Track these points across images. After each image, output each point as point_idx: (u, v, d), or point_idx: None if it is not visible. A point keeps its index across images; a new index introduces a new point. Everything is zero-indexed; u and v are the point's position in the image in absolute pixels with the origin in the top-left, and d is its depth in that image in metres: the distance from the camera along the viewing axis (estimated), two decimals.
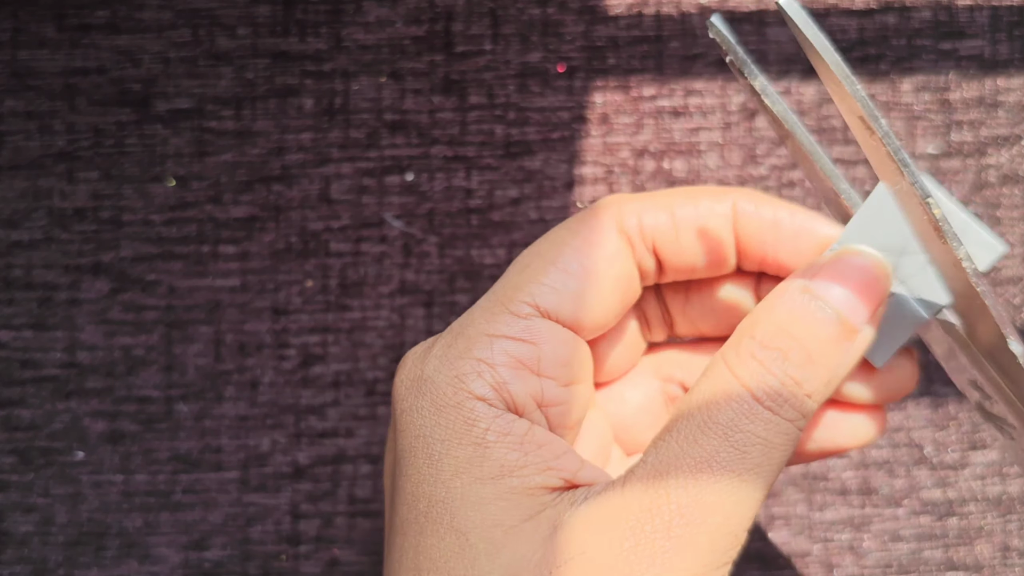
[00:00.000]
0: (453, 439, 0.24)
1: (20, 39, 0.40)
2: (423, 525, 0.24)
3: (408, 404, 0.25)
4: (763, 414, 0.23)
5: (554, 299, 0.25)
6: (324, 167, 0.40)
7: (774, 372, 0.23)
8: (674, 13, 0.40)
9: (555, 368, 0.25)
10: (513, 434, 0.24)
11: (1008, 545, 0.39)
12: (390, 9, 0.40)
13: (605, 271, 0.26)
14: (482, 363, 0.24)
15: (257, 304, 0.39)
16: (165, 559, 0.38)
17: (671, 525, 0.22)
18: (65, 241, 0.39)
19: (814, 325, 0.24)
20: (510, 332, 0.25)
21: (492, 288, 0.26)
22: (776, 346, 0.23)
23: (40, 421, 0.39)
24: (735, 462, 0.23)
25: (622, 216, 0.26)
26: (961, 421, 0.39)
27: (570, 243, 0.26)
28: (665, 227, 0.26)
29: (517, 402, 0.25)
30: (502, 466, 0.23)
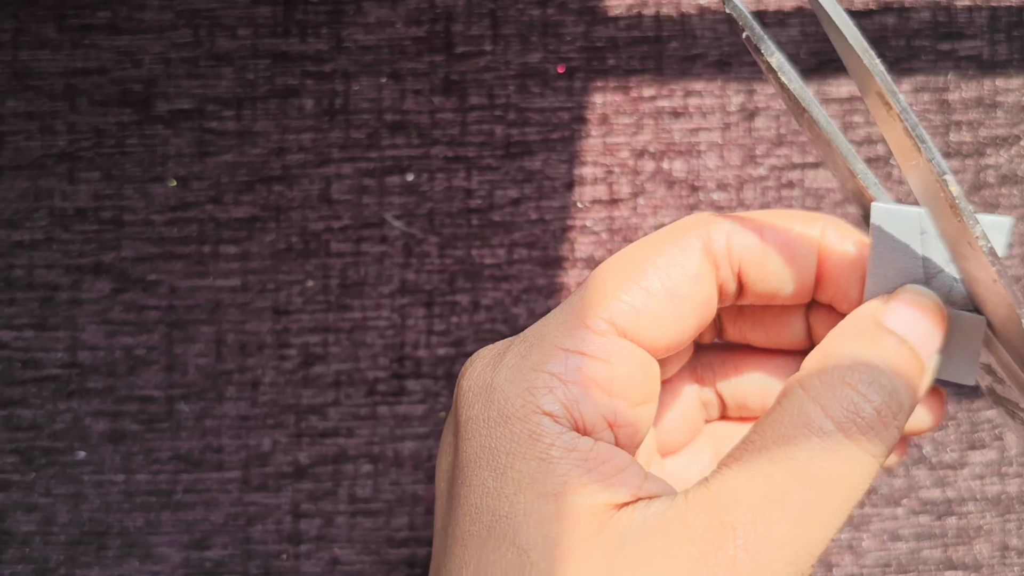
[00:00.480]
0: (518, 452, 0.23)
1: (21, 40, 0.40)
2: (485, 539, 0.23)
3: (475, 412, 0.24)
4: (848, 449, 0.22)
5: (632, 319, 0.25)
6: (325, 167, 0.40)
7: (872, 400, 0.23)
8: (674, 14, 0.40)
9: (627, 389, 0.25)
10: (578, 450, 0.23)
11: (1007, 544, 0.39)
12: (390, 10, 0.40)
13: (686, 294, 0.25)
14: (555, 378, 0.24)
15: (258, 304, 0.39)
16: (166, 558, 0.39)
17: (736, 561, 0.21)
18: (66, 241, 0.40)
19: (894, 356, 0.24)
20: (586, 348, 0.24)
21: (569, 299, 0.25)
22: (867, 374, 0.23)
23: (42, 421, 0.39)
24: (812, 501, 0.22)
25: (710, 235, 0.26)
26: (960, 421, 0.39)
27: (654, 261, 0.25)
28: (754, 250, 0.26)
29: (586, 421, 0.24)
30: (565, 483, 0.23)
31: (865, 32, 0.40)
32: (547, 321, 0.25)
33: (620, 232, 0.39)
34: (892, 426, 0.23)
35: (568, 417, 0.24)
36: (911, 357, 0.24)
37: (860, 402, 0.22)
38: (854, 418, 0.22)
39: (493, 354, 0.25)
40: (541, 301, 0.39)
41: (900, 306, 0.24)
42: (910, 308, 0.24)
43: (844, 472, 0.22)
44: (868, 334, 0.24)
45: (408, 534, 0.39)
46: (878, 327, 0.24)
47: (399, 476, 0.39)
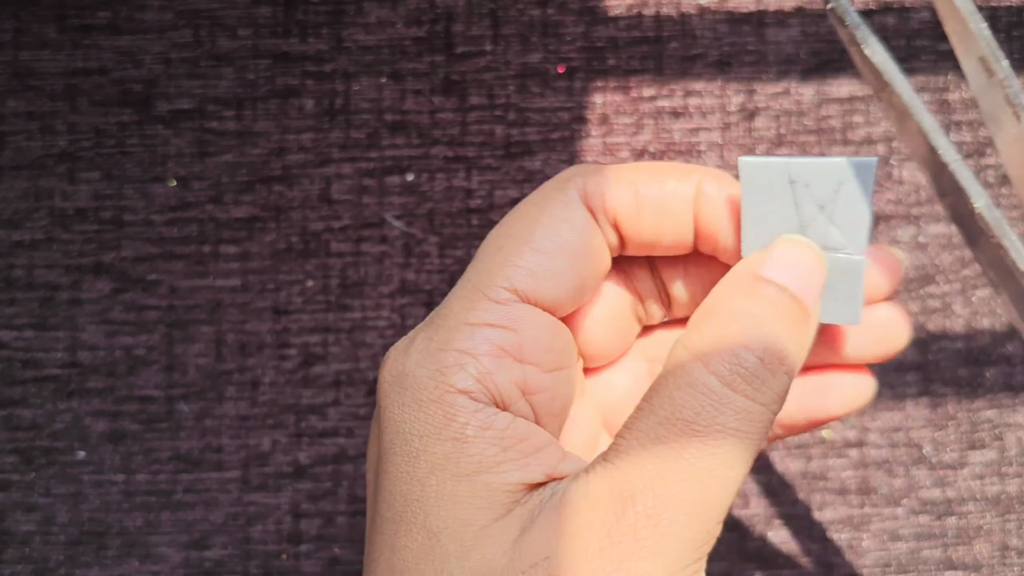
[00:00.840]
0: (432, 435, 0.23)
1: (22, 40, 0.40)
2: (398, 524, 0.23)
3: (390, 400, 0.24)
4: (737, 401, 0.22)
5: (531, 281, 0.24)
6: (325, 167, 0.40)
7: (753, 348, 0.23)
8: (674, 14, 0.40)
9: (538, 354, 0.25)
10: (494, 428, 0.23)
11: (1007, 544, 0.39)
12: (391, 10, 0.40)
13: (577, 247, 0.25)
14: (464, 354, 0.24)
15: (258, 304, 0.39)
16: (166, 558, 0.39)
17: (637, 528, 0.21)
18: (66, 241, 0.40)
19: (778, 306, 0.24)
20: (490, 319, 0.24)
21: (466, 273, 0.25)
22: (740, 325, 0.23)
23: (41, 421, 0.39)
24: (704, 458, 0.22)
25: (586, 189, 0.26)
26: (960, 421, 0.39)
27: (540, 220, 0.25)
28: (628, 204, 0.26)
29: (502, 392, 0.24)
30: (480, 462, 0.23)
31: None
32: (449, 299, 0.25)
33: None
34: (780, 372, 0.23)
35: (484, 391, 0.24)
36: (792, 303, 0.24)
37: (742, 354, 0.22)
38: (737, 370, 0.22)
39: (405, 343, 0.25)
40: None
41: (777, 255, 0.25)
42: (788, 256, 0.25)
43: (734, 426, 0.22)
44: (747, 287, 0.24)
45: None
46: (756, 279, 0.24)
47: None
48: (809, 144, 0.40)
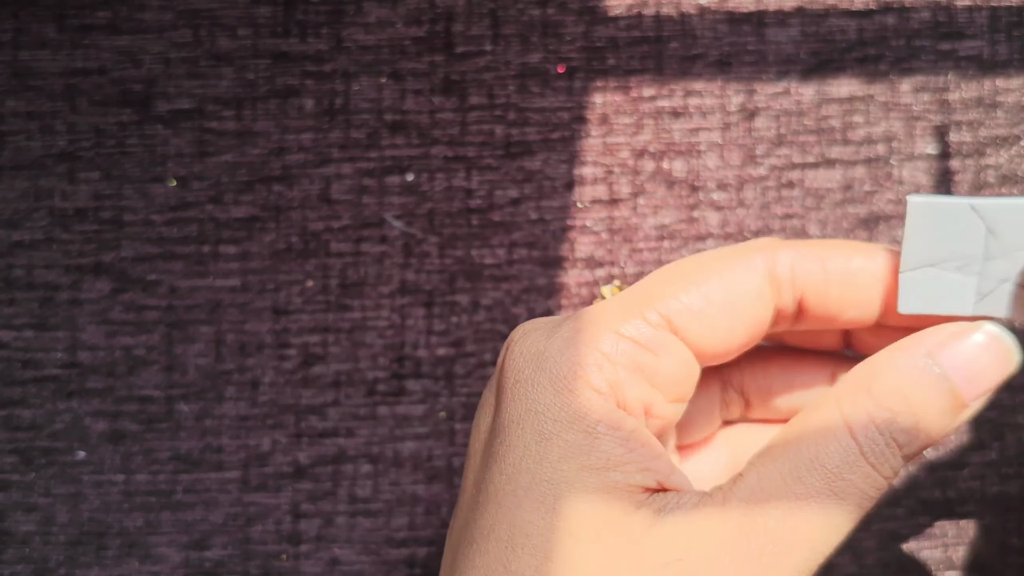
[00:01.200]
0: (566, 421, 0.24)
1: (21, 39, 0.40)
2: (521, 499, 0.24)
3: (526, 376, 0.25)
4: (865, 468, 0.24)
5: (687, 319, 0.26)
6: (324, 167, 0.40)
7: (883, 433, 0.24)
8: (674, 14, 0.40)
9: (669, 384, 0.26)
10: (622, 429, 0.24)
11: (1007, 545, 0.39)
12: (390, 10, 0.40)
13: (743, 309, 0.26)
14: (605, 357, 0.25)
15: (258, 304, 0.39)
16: (166, 559, 0.39)
17: (764, 550, 0.23)
18: (66, 241, 0.40)
19: (930, 395, 0.25)
20: (638, 336, 0.25)
21: (627, 292, 0.27)
22: (889, 407, 0.25)
23: (41, 421, 0.39)
24: (833, 506, 0.24)
25: (775, 259, 0.27)
26: None
27: (718, 272, 0.26)
28: (817, 278, 0.27)
29: (628, 404, 0.25)
30: (609, 458, 0.24)
31: (865, 32, 0.40)
32: (604, 306, 0.26)
33: (620, 232, 0.39)
34: (899, 456, 0.25)
35: (613, 396, 0.25)
36: (948, 398, 0.25)
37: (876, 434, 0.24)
38: (871, 444, 0.24)
39: (547, 326, 0.26)
40: (541, 301, 0.39)
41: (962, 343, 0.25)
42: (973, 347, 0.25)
43: (860, 486, 0.24)
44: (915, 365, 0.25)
45: (408, 534, 0.39)
46: (928, 359, 0.25)
47: (399, 476, 0.39)
48: (809, 144, 0.40)
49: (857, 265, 0.27)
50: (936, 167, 0.40)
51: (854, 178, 0.40)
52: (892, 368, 0.25)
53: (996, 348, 0.25)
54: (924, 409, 0.25)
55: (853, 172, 0.40)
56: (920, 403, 0.25)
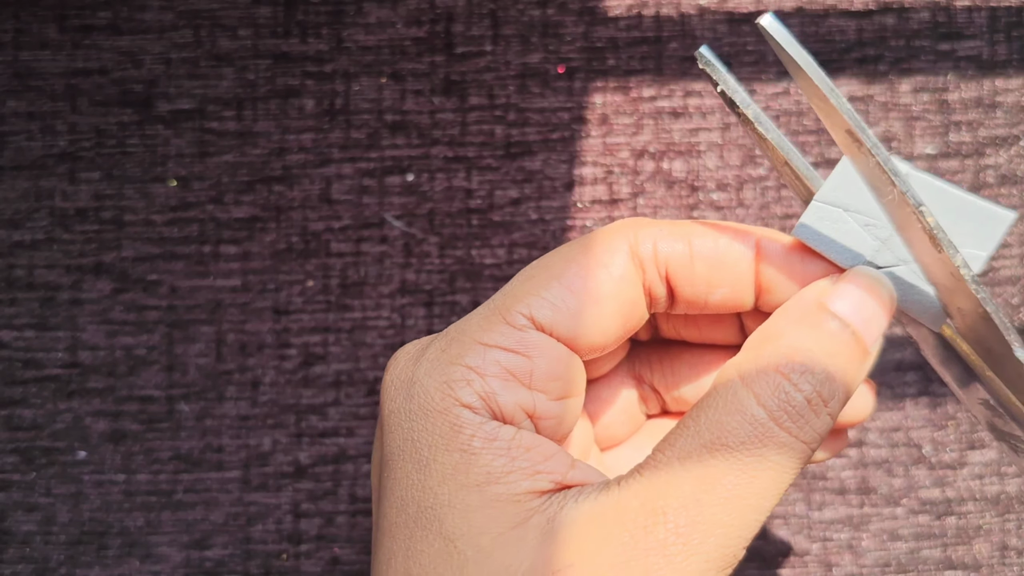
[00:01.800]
0: (440, 444, 0.24)
1: (22, 40, 0.40)
2: (412, 530, 0.24)
3: (396, 405, 0.25)
4: (780, 436, 0.23)
5: (551, 314, 0.25)
6: (325, 167, 0.40)
7: (802, 388, 0.23)
8: (673, 14, 0.40)
9: (547, 382, 0.25)
10: (500, 439, 0.24)
11: (1006, 544, 0.39)
12: (391, 10, 0.40)
13: (609, 293, 0.25)
14: (472, 371, 0.24)
15: (258, 304, 0.39)
16: (167, 558, 0.39)
17: (667, 544, 0.22)
18: (67, 241, 0.40)
19: (837, 343, 0.24)
20: (504, 343, 0.25)
21: (493, 296, 0.26)
22: (799, 361, 0.23)
23: (42, 421, 0.39)
24: (742, 486, 0.22)
25: (637, 240, 0.26)
26: (959, 421, 0.39)
27: (578, 260, 0.25)
28: (681, 256, 0.26)
29: (505, 412, 0.24)
30: (488, 473, 0.23)
31: (864, 33, 0.40)
32: (469, 317, 0.25)
33: None
34: (824, 414, 0.23)
35: (486, 408, 0.24)
36: (852, 342, 0.24)
37: (791, 391, 0.23)
38: (785, 407, 0.23)
39: (416, 349, 0.26)
40: None
41: (847, 287, 0.24)
42: (858, 290, 0.24)
43: (775, 459, 0.23)
44: (810, 316, 0.24)
45: None
46: (821, 309, 0.24)
47: None
48: (809, 144, 0.40)
49: (724, 244, 0.25)
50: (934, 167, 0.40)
51: None
52: (787, 325, 0.24)
53: (876, 287, 0.24)
54: (834, 359, 0.23)
55: None
56: (829, 353, 0.23)
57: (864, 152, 0.23)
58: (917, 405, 0.39)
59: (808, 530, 0.39)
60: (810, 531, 0.39)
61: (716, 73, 0.25)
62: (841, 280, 0.25)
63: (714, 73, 0.25)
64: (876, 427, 0.39)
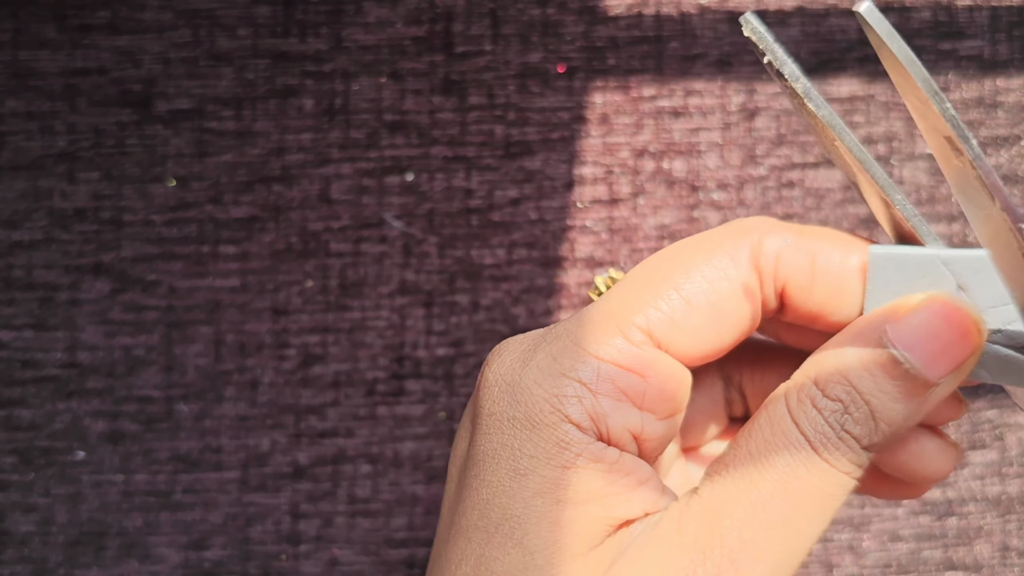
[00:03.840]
0: (542, 457, 0.23)
1: (21, 40, 0.40)
2: (491, 535, 0.23)
3: (499, 408, 0.24)
4: (819, 464, 0.22)
5: (669, 330, 0.23)
6: (324, 167, 0.40)
7: (832, 426, 0.22)
8: (674, 13, 0.40)
9: (659, 403, 0.24)
10: (604, 461, 0.23)
11: (1007, 545, 0.39)
12: (390, 10, 0.40)
13: (728, 310, 0.24)
14: (585, 387, 0.23)
15: (257, 304, 0.39)
16: (165, 559, 0.39)
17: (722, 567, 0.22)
18: (66, 241, 0.40)
19: (882, 379, 0.22)
20: (620, 359, 0.23)
21: (606, 296, 0.24)
22: (837, 396, 0.22)
23: (41, 421, 0.39)
24: (790, 510, 0.22)
25: (761, 249, 0.24)
26: (960, 421, 0.39)
27: (700, 268, 0.24)
28: (803, 274, 0.24)
29: (612, 434, 0.23)
30: (588, 492, 0.23)
31: (865, 32, 0.40)
32: (582, 320, 0.24)
33: (620, 232, 0.39)
34: (859, 450, 0.22)
35: (594, 429, 0.23)
36: (906, 378, 0.22)
37: (823, 425, 0.22)
38: (822, 437, 0.22)
39: (523, 348, 0.24)
40: (541, 301, 0.39)
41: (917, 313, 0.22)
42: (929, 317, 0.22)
43: (818, 485, 0.22)
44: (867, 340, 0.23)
45: (407, 534, 0.39)
46: (879, 339, 0.22)
47: (398, 476, 0.39)
48: (810, 143, 0.40)
49: (850, 264, 0.24)
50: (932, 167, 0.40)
51: None
52: (838, 354, 0.23)
53: (957, 318, 0.22)
54: (876, 395, 0.22)
55: None
56: (870, 389, 0.22)
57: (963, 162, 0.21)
58: None
59: None
60: None
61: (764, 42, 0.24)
62: (914, 307, 0.23)
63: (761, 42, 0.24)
64: None
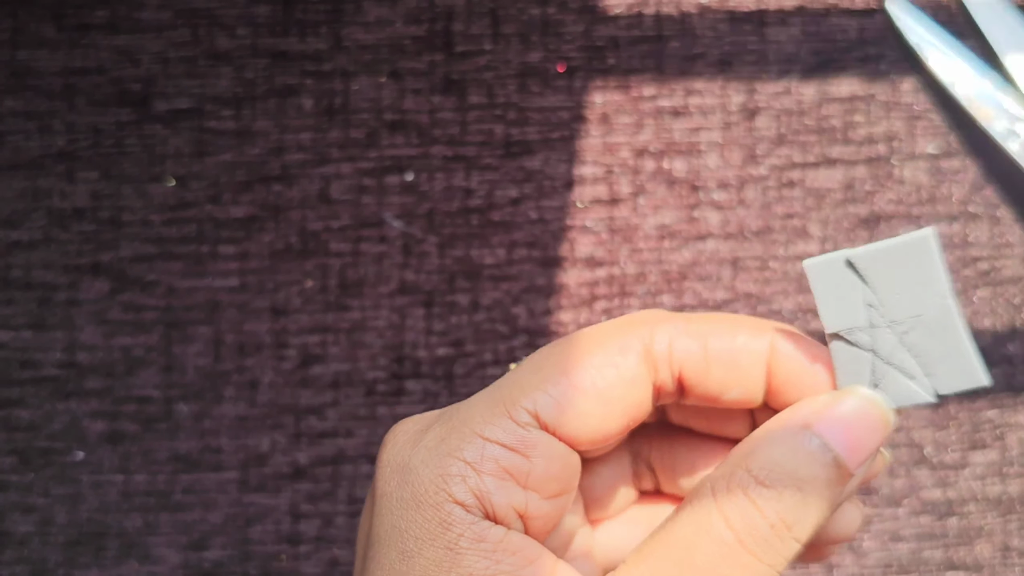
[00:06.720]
0: (427, 538, 0.24)
1: (19, 39, 0.40)
2: None
3: (389, 489, 0.24)
4: (745, 558, 0.22)
5: (556, 413, 0.24)
6: (324, 167, 0.40)
7: (766, 514, 0.23)
8: (674, 13, 0.40)
9: (544, 483, 0.24)
10: (487, 541, 0.23)
11: (1008, 545, 0.39)
12: (390, 9, 0.40)
13: (617, 396, 0.25)
14: (469, 466, 0.24)
15: (256, 304, 0.39)
16: (165, 559, 0.39)
17: None
18: (64, 241, 0.39)
19: (813, 467, 0.23)
20: (505, 439, 0.24)
21: (499, 381, 0.25)
22: (771, 483, 0.23)
23: (39, 421, 0.39)
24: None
25: (653, 339, 0.25)
26: (961, 421, 0.39)
27: (590, 357, 0.25)
28: (696, 357, 0.25)
29: (497, 513, 0.24)
30: (472, 572, 0.23)
31: (866, 32, 0.40)
32: (473, 403, 0.25)
33: (620, 232, 0.39)
34: (789, 539, 0.23)
35: (479, 507, 0.24)
36: (832, 467, 0.23)
37: (756, 517, 0.22)
38: (750, 532, 0.22)
39: (416, 430, 0.25)
40: (541, 301, 0.39)
41: (838, 408, 0.24)
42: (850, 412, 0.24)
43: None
44: (792, 437, 0.23)
45: None
46: (805, 430, 0.23)
47: None
48: (810, 143, 0.40)
49: (740, 344, 0.25)
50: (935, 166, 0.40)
51: (855, 177, 0.40)
52: (770, 443, 0.23)
53: (871, 412, 0.24)
54: (809, 482, 0.23)
55: (854, 171, 0.40)
56: (804, 476, 0.23)
57: None
58: None
59: None
60: None
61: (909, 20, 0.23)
62: (834, 399, 0.24)
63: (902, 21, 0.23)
64: None
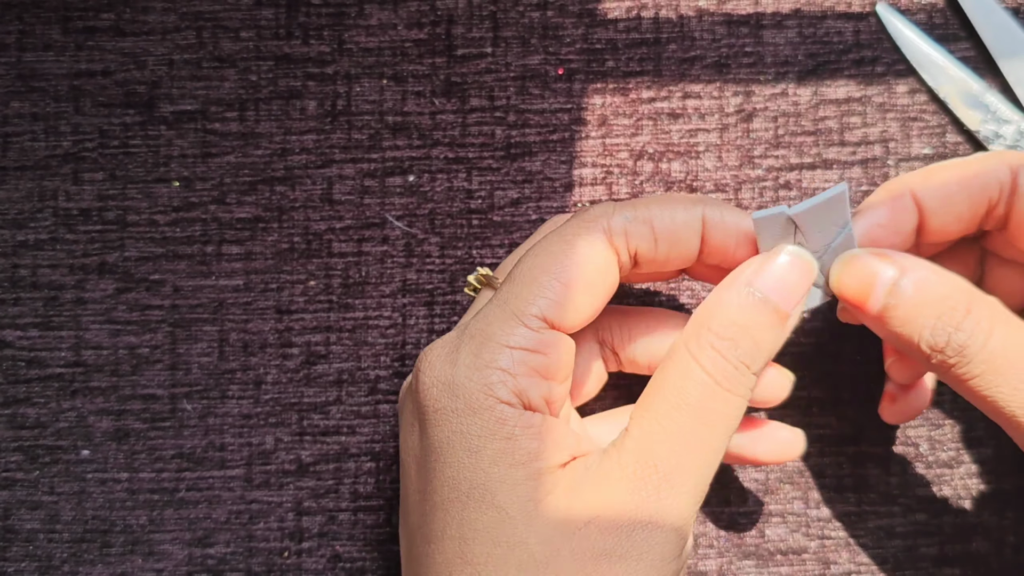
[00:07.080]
0: (488, 435, 0.29)
1: (26, 42, 0.40)
2: (465, 503, 0.29)
3: (442, 404, 0.30)
4: (723, 394, 0.30)
5: (558, 311, 0.30)
6: (327, 168, 0.40)
7: (730, 359, 0.30)
8: (672, 16, 0.40)
9: (558, 370, 0.31)
10: (533, 427, 0.30)
11: (1003, 541, 0.39)
12: (392, 12, 0.40)
13: (599, 283, 0.31)
14: (506, 373, 0.30)
15: (261, 304, 0.40)
16: (170, 556, 0.39)
17: (660, 488, 0.29)
18: (71, 241, 0.40)
19: (758, 316, 0.30)
20: (527, 344, 0.30)
21: (504, 295, 0.31)
22: (729, 336, 0.30)
23: (46, 419, 0.39)
24: (705, 433, 0.30)
25: (611, 228, 0.31)
26: (956, 418, 0.39)
27: (569, 256, 0.30)
28: (647, 239, 0.31)
29: (533, 404, 0.30)
30: (528, 453, 0.29)
31: (861, 34, 0.40)
32: (488, 319, 0.30)
33: None
34: (749, 374, 0.30)
35: (519, 403, 0.30)
36: (772, 314, 0.30)
37: (724, 363, 0.30)
38: (722, 372, 0.30)
39: (447, 352, 0.31)
40: None
41: (771, 266, 0.31)
42: (780, 267, 0.31)
43: (723, 410, 0.30)
44: (739, 296, 0.30)
45: None
46: (748, 287, 0.30)
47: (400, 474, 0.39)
48: (807, 145, 0.40)
49: (680, 221, 0.31)
50: None
51: (851, 179, 0.40)
52: (721, 304, 0.30)
53: (796, 262, 0.31)
54: (757, 329, 0.30)
55: (850, 173, 0.40)
56: (752, 325, 0.30)
57: None
58: None
59: (806, 528, 0.39)
60: (808, 529, 0.39)
61: None
62: (767, 259, 0.31)
63: None
64: (873, 425, 0.39)
